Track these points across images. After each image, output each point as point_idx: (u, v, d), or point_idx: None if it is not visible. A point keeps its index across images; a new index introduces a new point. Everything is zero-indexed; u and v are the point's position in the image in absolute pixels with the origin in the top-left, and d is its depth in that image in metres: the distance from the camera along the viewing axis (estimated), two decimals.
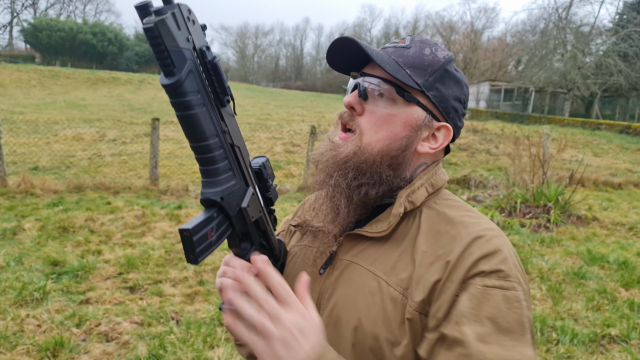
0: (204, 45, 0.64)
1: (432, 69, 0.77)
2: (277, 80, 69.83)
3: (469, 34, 44.64)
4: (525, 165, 6.87)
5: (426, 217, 0.79)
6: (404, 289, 0.73)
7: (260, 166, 0.80)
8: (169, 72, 0.60)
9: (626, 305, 3.59)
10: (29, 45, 52.71)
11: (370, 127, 0.77)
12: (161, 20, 0.56)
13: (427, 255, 0.74)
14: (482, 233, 0.73)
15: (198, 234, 0.65)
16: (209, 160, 0.66)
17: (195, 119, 0.62)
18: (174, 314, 3.19)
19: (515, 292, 0.69)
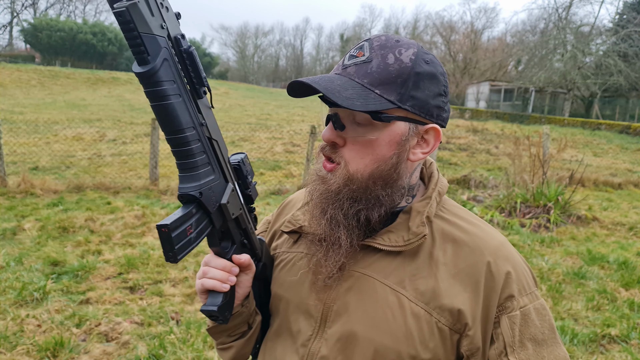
0: (179, 33, 0.61)
1: (401, 79, 0.70)
2: (277, 80, 69.82)
3: (469, 34, 44.64)
4: (525, 165, 6.87)
5: (437, 227, 0.78)
6: (425, 303, 0.73)
7: (239, 162, 0.77)
8: (142, 60, 0.57)
9: (626, 305, 3.59)
10: (28, 45, 52.69)
11: (354, 155, 0.73)
12: (133, 4, 0.54)
13: (448, 268, 0.74)
14: (500, 250, 0.76)
15: (177, 230, 0.63)
16: (186, 153, 0.64)
17: (171, 109, 0.60)
18: (174, 314, 3.19)
19: (540, 301, 0.75)
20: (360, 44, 0.75)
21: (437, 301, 0.72)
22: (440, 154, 10.94)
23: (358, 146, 0.73)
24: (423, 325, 0.72)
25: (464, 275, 0.74)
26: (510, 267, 0.74)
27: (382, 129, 0.72)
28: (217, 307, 0.75)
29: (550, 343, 0.73)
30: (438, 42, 46.89)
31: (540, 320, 0.73)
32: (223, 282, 0.76)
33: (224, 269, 0.77)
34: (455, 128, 15.74)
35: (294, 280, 0.84)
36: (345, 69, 0.73)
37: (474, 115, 24.68)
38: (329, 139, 0.74)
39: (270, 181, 8.11)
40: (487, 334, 0.73)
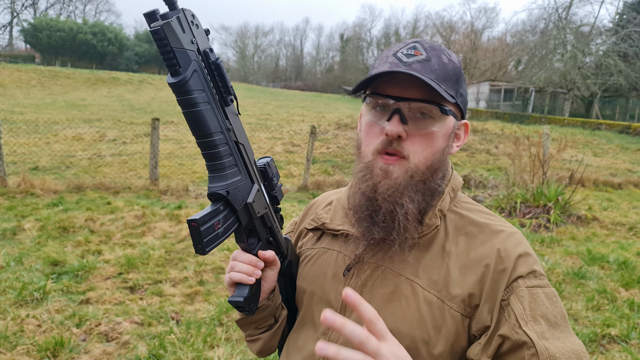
0: (208, 47, 0.68)
1: (456, 77, 0.78)
2: (277, 80, 69.82)
3: (469, 34, 44.64)
4: (525, 165, 6.88)
5: (451, 222, 0.83)
6: (438, 291, 0.77)
7: (264, 165, 0.82)
8: (175, 72, 0.64)
9: (626, 305, 3.59)
10: (29, 45, 52.69)
11: (417, 148, 0.76)
12: (167, 23, 0.61)
13: (459, 259, 0.78)
14: (510, 238, 0.79)
15: (206, 225, 0.69)
16: (214, 155, 0.70)
17: (201, 116, 0.66)
18: (174, 314, 3.19)
19: (551, 289, 0.77)
20: (412, 44, 0.79)
21: (449, 289, 0.77)
22: None
23: (420, 139, 0.77)
24: (435, 312, 0.76)
25: (475, 262, 0.77)
26: (522, 252, 0.77)
27: (441, 122, 0.77)
28: (244, 298, 0.81)
29: (564, 330, 0.73)
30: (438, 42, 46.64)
31: (551, 304, 0.75)
32: (249, 275, 0.81)
33: (250, 263, 0.82)
34: None
35: (317, 274, 0.89)
36: (410, 65, 0.76)
37: (474, 115, 24.68)
38: (398, 133, 0.75)
39: None
40: (495, 312, 0.74)
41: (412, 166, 0.76)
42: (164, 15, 0.63)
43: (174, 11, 0.63)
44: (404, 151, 0.76)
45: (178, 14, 0.63)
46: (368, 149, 0.79)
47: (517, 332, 0.71)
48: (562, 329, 0.74)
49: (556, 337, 0.72)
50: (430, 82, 0.72)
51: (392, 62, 0.77)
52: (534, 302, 0.74)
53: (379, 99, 0.78)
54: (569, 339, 0.73)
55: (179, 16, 0.63)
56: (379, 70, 0.75)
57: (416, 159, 0.76)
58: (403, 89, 0.76)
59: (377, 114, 0.79)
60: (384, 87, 0.77)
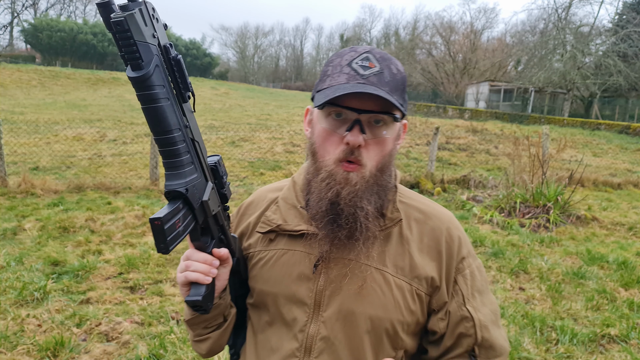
0: (168, 42, 0.66)
1: (403, 86, 0.85)
2: (277, 80, 69.80)
3: (468, 35, 44.63)
4: (524, 166, 6.88)
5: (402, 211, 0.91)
6: (405, 276, 0.88)
7: (215, 163, 0.82)
8: (137, 66, 0.62)
9: (626, 305, 3.60)
10: (29, 46, 52.69)
11: (372, 155, 0.83)
12: (131, 15, 0.59)
13: (416, 244, 0.90)
14: (450, 223, 0.94)
15: (168, 223, 0.68)
16: (173, 153, 0.68)
17: (162, 111, 0.65)
18: (175, 314, 3.19)
19: (478, 261, 0.96)
20: (364, 55, 0.84)
21: (414, 272, 0.88)
22: (439, 154, 10.94)
23: (374, 146, 0.84)
24: (406, 295, 0.87)
25: (429, 248, 0.91)
26: (460, 234, 0.94)
27: (392, 128, 0.85)
28: (202, 297, 0.81)
29: (486, 292, 0.94)
30: (438, 42, 46.88)
31: (481, 275, 0.94)
32: (206, 274, 0.81)
33: (206, 262, 0.82)
34: (454, 128, 15.74)
35: (280, 275, 0.90)
36: (367, 78, 0.82)
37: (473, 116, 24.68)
38: (358, 143, 0.81)
39: (270, 181, 8.12)
40: (449, 290, 0.90)
41: (367, 172, 0.83)
42: (125, 6, 0.60)
43: (135, 2, 0.60)
44: (362, 159, 0.82)
45: (140, 5, 0.60)
46: (329, 158, 0.84)
47: (462, 309, 0.89)
48: (485, 292, 0.93)
49: (483, 303, 0.91)
50: (389, 97, 0.79)
51: (349, 73, 0.82)
52: (473, 279, 0.91)
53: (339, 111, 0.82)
54: (488, 300, 0.93)
55: (141, 8, 0.61)
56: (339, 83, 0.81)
57: (370, 165, 0.83)
58: (362, 102, 0.81)
59: (334, 122, 0.83)
60: (343, 100, 0.81)
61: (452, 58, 42.65)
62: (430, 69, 41.55)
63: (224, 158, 9.87)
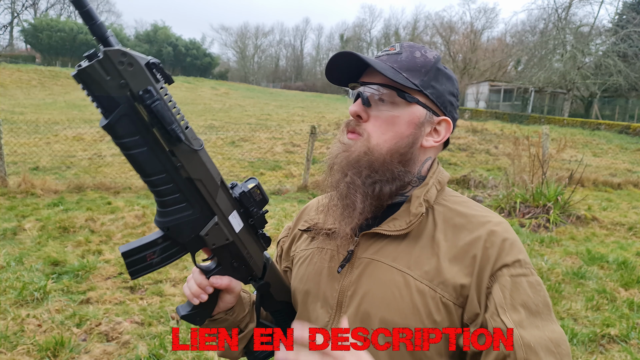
0: (143, 88, 0.62)
1: (425, 69, 0.82)
2: (277, 80, 69.81)
3: (468, 35, 44.64)
4: (524, 166, 6.88)
5: (439, 214, 0.85)
6: (429, 281, 0.78)
7: (240, 195, 0.80)
8: (103, 115, 0.63)
9: (625, 305, 3.60)
10: (29, 46, 52.67)
11: (376, 130, 0.81)
12: (82, 70, 0.59)
13: (449, 249, 0.80)
14: (496, 227, 0.81)
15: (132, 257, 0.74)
16: (157, 193, 0.70)
17: (135, 159, 0.65)
18: (174, 314, 3.19)
19: (535, 277, 0.78)
20: (395, 44, 0.86)
21: (440, 278, 0.78)
22: (439, 154, 10.92)
23: (380, 122, 0.81)
24: (428, 301, 0.77)
25: (463, 252, 0.79)
26: (507, 240, 0.79)
27: (404, 109, 0.81)
28: (182, 314, 0.86)
29: (546, 318, 0.75)
30: (438, 42, 46.88)
31: (534, 293, 0.76)
32: (195, 296, 0.84)
33: (200, 285, 0.84)
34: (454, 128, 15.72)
35: (312, 273, 0.90)
36: (380, 57, 0.83)
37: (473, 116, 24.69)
38: (356, 112, 0.82)
39: (270, 181, 8.12)
40: (481, 300, 0.76)
41: (371, 145, 0.80)
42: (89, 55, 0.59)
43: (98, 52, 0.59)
44: (362, 131, 0.82)
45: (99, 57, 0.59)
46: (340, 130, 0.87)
47: (494, 320, 0.73)
48: (544, 317, 0.75)
49: (535, 325, 0.73)
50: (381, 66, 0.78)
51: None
52: (515, 290, 0.75)
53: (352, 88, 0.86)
54: (548, 328, 0.74)
55: (100, 59, 0.59)
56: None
57: (375, 140, 0.81)
58: (370, 78, 0.83)
59: (351, 102, 0.87)
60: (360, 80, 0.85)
61: (452, 58, 42.64)
62: None
63: (224, 158, 9.87)
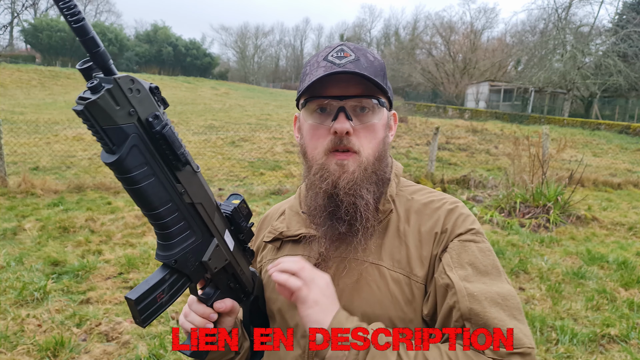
0: (151, 114, 0.59)
1: (383, 72, 0.84)
2: (277, 80, 69.81)
3: (468, 34, 44.63)
4: (524, 166, 6.88)
5: (400, 204, 0.88)
6: (402, 269, 0.82)
7: (232, 211, 0.79)
8: (109, 150, 0.57)
9: (625, 305, 3.60)
10: (29, 46, 52.69)
11: (364, 141, 0.82)
12: (92, 102, 0.54)
13: (414, 235, 0.84)
14: (452, 206, 0.86)
15: (144, 302, 0.67)
16: (162, 226, 0.66)
17: (143, 192, 0.61)
18: (174, 314, 3.19)
19: (486, 244, 0.83)
20: (338, 47, 0.83)
21: (412, 264, 0.82)
22: (439, 154, 10.94)
23: (364, 132, 0.82)
24: (404, 288, 0.81)
25: (426, 234, 0.84)
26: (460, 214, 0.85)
27: (378, 114, 0.83)
28: (191, 352, 0.82)
29: (494, 278, 0.78)
30: (438, 42, 46.88)
31: (482, 256, 0.80)
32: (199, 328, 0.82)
33: (203, 315, 0.81)
34: (454, 128, 15.74)
35: None
36: (344, 66, 0.80)
37: (473, 116, 24.69)
38: (345, 129, 0.79)
39: (270, 181, 8.12)
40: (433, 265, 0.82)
41: (364, 159, 0.81)
42: (94, 87, 0.54)
43: (106, 80, 0.55)
44: (354, 146, 0.81)
45: (110, 85, 0.54)
46: (317, 152, 0.82)
47: (442, 278, 0.78)
48: (492, 277, 0.78)
49: (482, 282, 0.76)
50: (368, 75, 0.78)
51: (326, 66, 0.80)
52: (463, 252, 0.80)
53: (319, 102, 0.81)
54: (496, 284, 0.77)
55: (111, 88, 0.54)
56: (319, 75, 0.78)
57: (366, 152, 0.82)
58: (343, 89, 0.80)
59: (320, 117, 0.82)
60: (323, 90, 0.80)
61: (452, 58, 42.64)
62: (430, 69, 41.54)
63: (224, 158, 9.87)
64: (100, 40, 0.58)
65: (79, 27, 0.53)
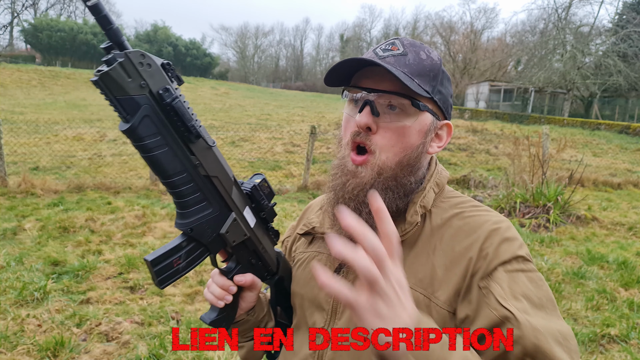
0: (162, 87, 0.64)
1: (434, 74, 0.77)
2: (277, 80, 69.81)
3: (468, 35, 44.64)
4: (524, 165, 6.88)
5: (436, 217, 0.80)
6: (424, 289, 0.74)
7: (251, 189, 0.81)
8: (124, 119, 0.63)
9: (625, 305, 3.60)
10: (29, 46, 52.67)
11: (386, 143, 0.75)
12: (105, 74, 0.59)
13: (445, 254, 0.75)
14: (495, 226, 0.75)
15: (160, 264, 0.71)
16: (178, 195, 0.70)
17: (157, 159, 0.66)
18: (174, 314, 3.19)
19: (537, 273, 0.74)
20: (391, 40, 0.79)
21: (435, 286, 0.74)
22: (439, 154, 10.95)
23: (390, 133, 0.75)
24: (422, 309, 0.71)
25: (459, 256, 0.74)
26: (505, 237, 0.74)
27: (414, 117, 0.76)
28: (210, 320, 0.85)
29: (551, 312, 0.70)
30: (438, 42, 46.88)
31: (535, 287, 0.71)
32: (219, 299, 0.83)
33: (223, 287, 0.82)
34: (454, 128, 15.72)
35: (307, 277, 0.88)
36: (384, 59, 0.76)
37: (473, 116, 24.69)
38: (366, 124, 0.75)
39: (270, 181, 8.11)
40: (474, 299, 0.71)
41: (380, 162, 0.75)
42: (108, 60, 0.60)
43: (118, 54, 0.60)
44: (372, 145, 0.75)
45: (122, 58, 0.60)
46: (342, 143, 0.81)
47: (497, 310, 0.68)
48: (549, 311, 0.70)
49: (540, 316, 0.68)
50: (399, 74, 0.71)
51: (370, 56, 0.77)
52: (513, 283, 0.70)
53: (354, 92, 0.78)
54: (555, 321, 0.69)
55: (123, 62, 0.60)
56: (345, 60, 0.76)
57: (384, 155, 0.75)
58: (376, 82, 0.76)
59: (352, 107, 0.79)
60: (359, 81, 0.78)
61: (452, 58, 42.64)
62: None
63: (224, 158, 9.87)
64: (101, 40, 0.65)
65: (93, 6, 0.59)
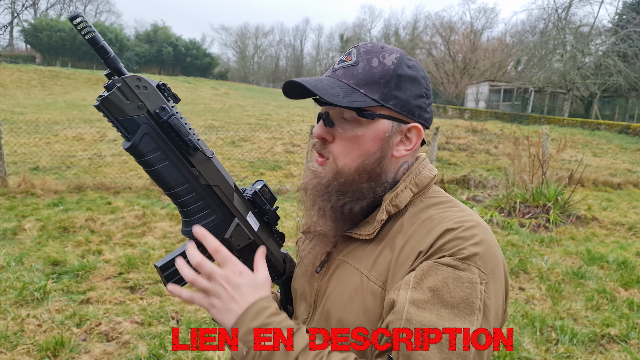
0: (158, 106, 0.70)
1: (384, 80, 0.77)
2: (277, 80, 69.79)
3: (468, 34, 44.64)
4: (524, 165, 6.88)
5: (409, 216, 0.81)
6: (382, 282, 0.77)
7: (253, 195, 0.87)
8: (126, 138, 0.69)
9: (625, 305, 3.60)
10: (29, 46, 52.70)
11: (342, 150, 0.80)
12: (105, 99, 0.65)
13: (403, 249, 0.76)
14: (454, 225, 0.73)
15: (168, 270, 0.77)
16: (181, 204, 0.76)
17: (159, 173, 0.71)
18: (174, 314, 3.19)
19: (471, 275, 0.68)
20: (349, 50, 0.83)
21: (389, 278, 0.75)
22: (439, 154, 10.95)
23: (345, 142, 0.80)
24: (379, 301, 0.75)
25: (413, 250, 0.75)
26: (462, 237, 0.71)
27: (367, 126, 0.79)
28: None
29: (459, 313, 0.66)
30: (438, 42, 46.90)
31: (456, 286, 0.67)
32: None
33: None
34: (454, 128, 15.74)
35: (301, 273, 0.93)
36: (335, 71, 0.81)
37: (473, 116, 24.69)
38: (319, 135, 0.82)
39: (270, 181, 8.12)
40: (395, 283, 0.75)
41: (338, 168, 0.80)
42: (108, 86, 0.66)
43: (117, 80, 0.67)
44: (327, 153, 0.82)
45: (119, 83, 0.66)
46: None
47: (392, 293, 0.71)
48: (457, 312, 0.66)
49: (437, 312, 0.66)
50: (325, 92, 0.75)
51: (330, 68, 0.83)
52: (429, 274, 0.69)
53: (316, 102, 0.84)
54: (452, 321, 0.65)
55: (120, 86, 0.66)
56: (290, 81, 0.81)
57: (342, 162, 0.80)
58: None
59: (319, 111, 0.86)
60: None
61: (452, 58, 42.65)
62: (430, 69, 41.52)
63: (224, 158, 9.87)
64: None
65: (91, 39, 0.66)
